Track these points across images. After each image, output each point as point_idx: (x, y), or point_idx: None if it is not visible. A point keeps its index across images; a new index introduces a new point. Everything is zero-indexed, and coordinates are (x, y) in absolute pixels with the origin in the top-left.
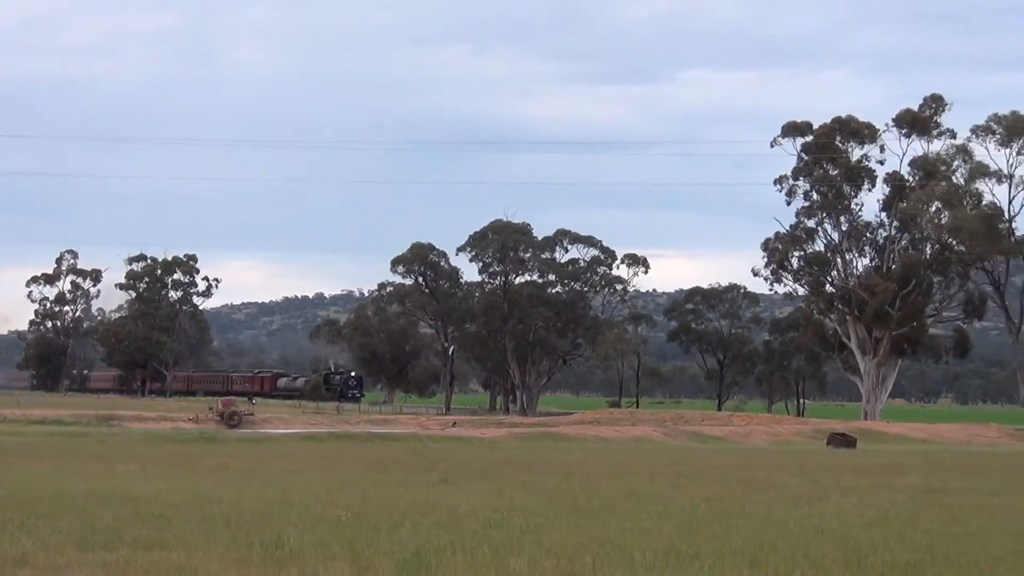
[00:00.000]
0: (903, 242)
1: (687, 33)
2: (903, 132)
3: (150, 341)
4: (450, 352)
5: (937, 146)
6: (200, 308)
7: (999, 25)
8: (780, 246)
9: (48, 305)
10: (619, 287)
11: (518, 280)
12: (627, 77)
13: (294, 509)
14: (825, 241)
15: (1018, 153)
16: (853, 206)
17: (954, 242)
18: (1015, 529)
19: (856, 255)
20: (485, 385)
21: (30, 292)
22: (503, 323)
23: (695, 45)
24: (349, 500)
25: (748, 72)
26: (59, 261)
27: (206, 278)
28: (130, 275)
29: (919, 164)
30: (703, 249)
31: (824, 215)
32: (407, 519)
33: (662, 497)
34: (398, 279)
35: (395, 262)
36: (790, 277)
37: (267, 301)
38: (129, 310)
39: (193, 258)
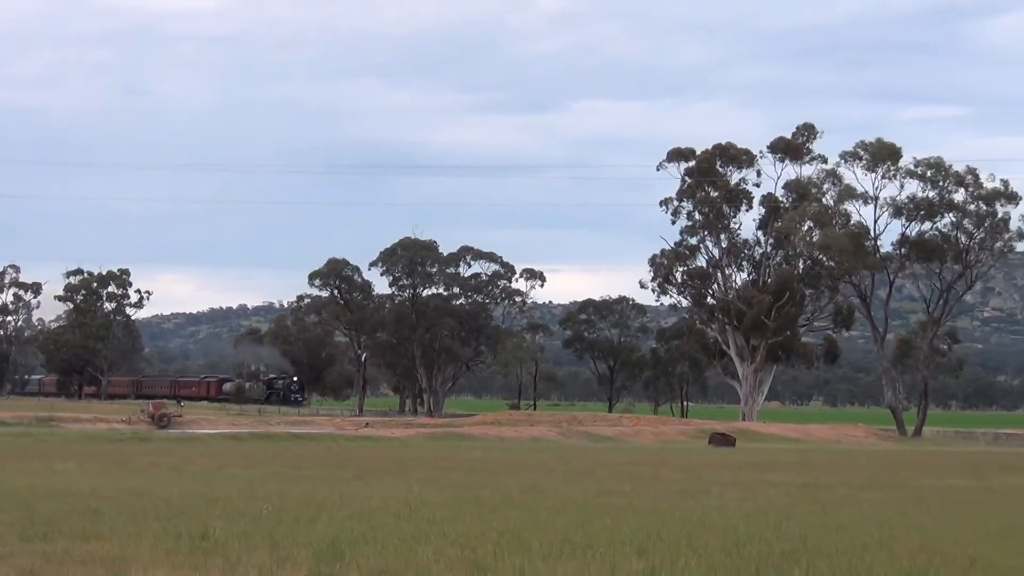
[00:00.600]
0: (778, 258)
1: (581, 67)
2: (778, 157)
3: (86, 348)
4: (363, 359)
5: (809, 170)
6: (132, 318)
7: (865, 60)
8: (665, 262)
9: None
10: (518, 299)
11: (425, 292)
12: (526, 107)
13: (219, 503)
14: (707, 257)
15: (882, 177)
16: (732, 225)
17: (824, 258)
18: (880, 520)
19: (735, 270)
20: (395, 389)
21: None
22: (411, 332)
23: (588, 78)
24: (269, 495)
25: (637, 103)
26: (2, 275)
27: (138, 291)
28: (68, 288)
29: (792, 187)
30: (595, 264)
31: (706, 233)
32: (323, 512)
33: (557, 492)
34: (315, 292)
35: (312, 276)
36: (675, 290)
37: (194, 312)
38: (67, 320)
39: (126, 272)
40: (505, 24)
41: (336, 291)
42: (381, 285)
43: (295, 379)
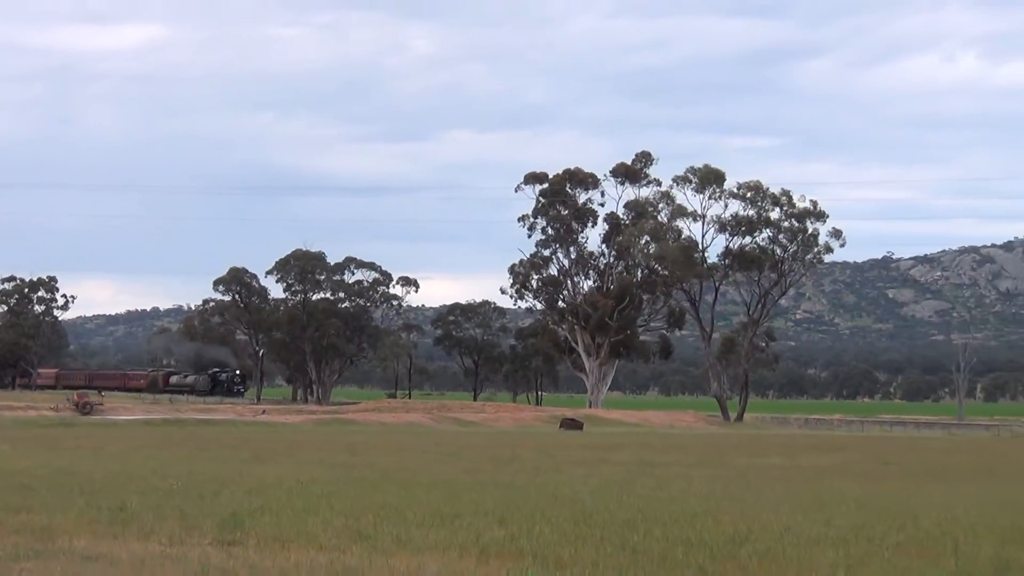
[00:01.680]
0: (619, 268)
1: (449, 103)
2: (619, 181)
3: (18, 345)
4: (260, 354)
5: (646, 192)
6: (59, 319)
7: (694, 99)
8: (523, 271)
9: None
10: (395, 303)
11: (315, 297)
12: (401, 137)
13: (135, 480)
14: (558, 267)
15: (709, 198)
16: (580, 239)
17: (659, 268)
18: (707, 493)
19: (582, 278)
20: (289, 380)
21: None
22: (302, 331)
23: (455, 112)
24: (179, 472)
25: (498, 133)
26: None
27: (64, 295)
28: (3, 293)
29: (632, 206)
30: (462, 273)
31: (557, 246)
32: (225, 488)
33: (430, 470)
34: (219, 296)
35: (216, 283)
36: (531, 295)
37: (113, 313)
38: (2, 321)
39: (54, 279)
40: (383, 65)
41: (237, 296)
42: (276, 291)
43: (237, 372)
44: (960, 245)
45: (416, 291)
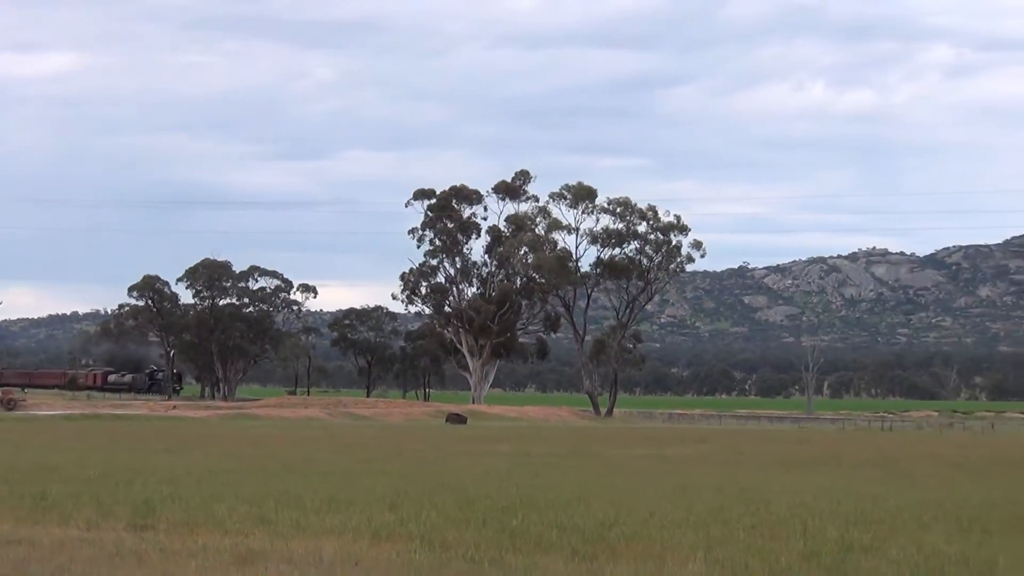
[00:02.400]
0: (500, 276)
1: (345, 124)
2: (500, 197)
3: None
4: (171, 355)
5: (525, 207)
6: None
7: (569, 122)
8: (412, 278)
9: None
10: (295, 308)
11: (221, 302)
12: (302, 155)
13: (55, 470)
14: (445, 275)
15: (582, 212)
16: (465, 250)
17: (537, 276)
18: (580, 481)
19: (467, 285)
20: (197, 379)
21: None
22: (210, 334)
23: (351, 133)
24: (96, 463)
25: (390, 153)
26: None
27: None
28: None
29: (512, 220)
30: (358, 280)
31: (444, 256)
32: (139, 477)
33: (326, 460)
34: (133, 301)
35: (131, 289)
36: (420, 301)
37: (36, 317)
38: None
39: None
40: (286, 89)
41: (150, 301)
42: (186, 296)
43: (175, 371)
44: (809, 256)
45: (315, 297)
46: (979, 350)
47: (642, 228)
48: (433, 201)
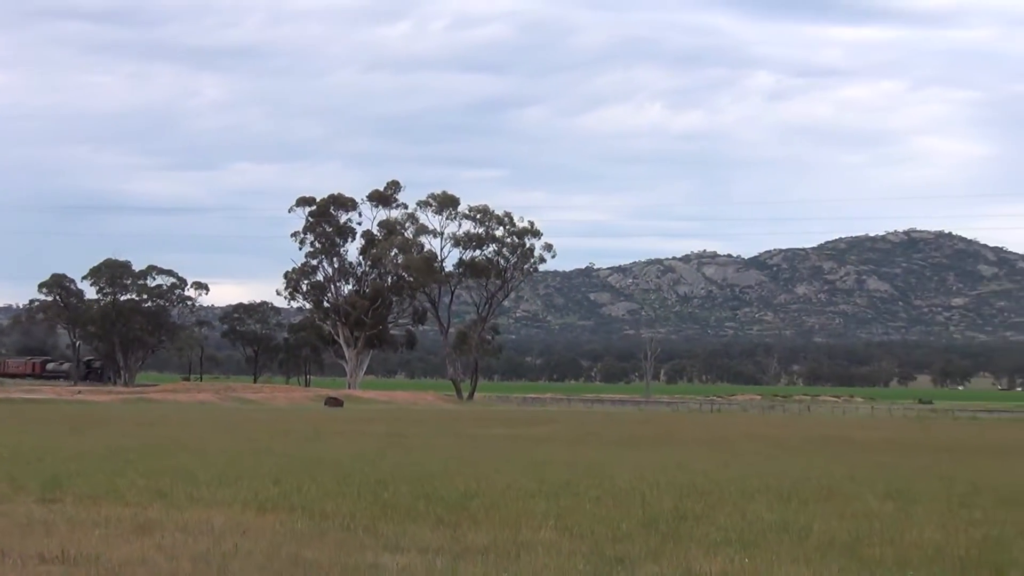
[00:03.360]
0: (374, 275)
1: (235, 138)
2: (374, 204)
3: None
4: (77, 345)
5: (395, 213)
6: None
7: (435, 138)
8: (295, 277)
9: None
10: (189, 303)
11: (122, 298)
12: (195, 166)
13: None
14: (324, 274)
15: (446, 218)
16: (342, 252)
17: (406, 275)
18: (445, 457)
19: (343, 283)
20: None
21: None
22: (112, 326)
23: (240, 146)
24: (7, 443)
25: (275, 164)
26: None
27: None
28: None
29: (384, 225)
30: (246, 279)
31: (323, 257)
32: (47, 455)
33: (217, 440)
34: (43, 297)
35: (41, 286)
36: (301, 297)
37: None
38: None
39: None
40: (181, 107)
41: (58, 297)
42: (91, 293)
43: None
44: (647, 258)
45: (207, 293)
46: (796, 341)
47: (499, 233)
48: (313, 208)
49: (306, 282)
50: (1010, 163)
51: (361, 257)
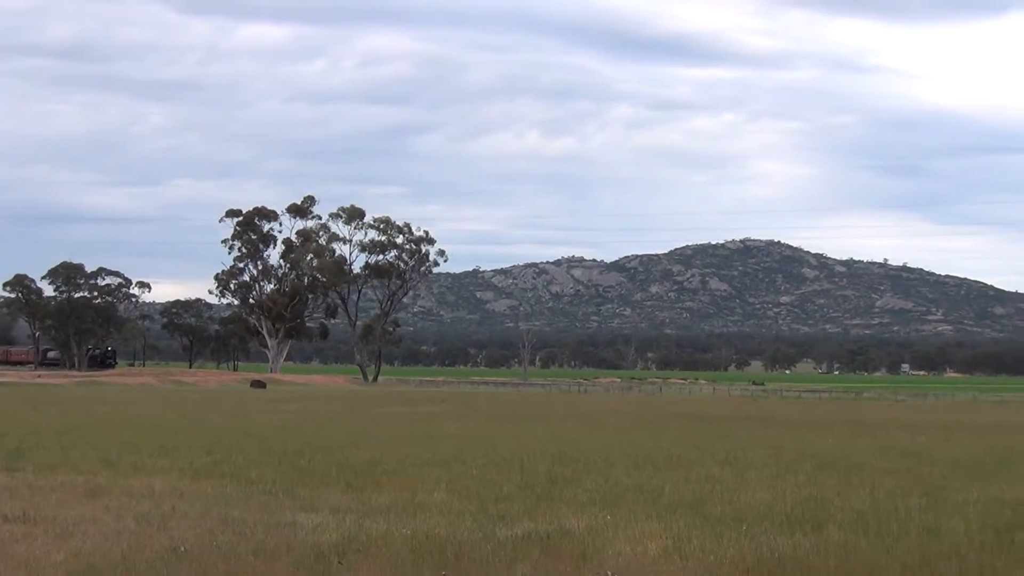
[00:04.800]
0: (292, 276)
1: (175, 159)
2: (292, 215)
3: None
4: (36, 336)
5: (311, 223)
6: None
7: (345, 159)
8: (224, 278)
9: None
10: (134, 300)
11: (76, 295)
12: (141, 183)
13: None
14: (249, 275)
15: (354, 228)
16: (265, 256)
17: (320, 276)
18: (352, 431)
19: (266, 283)
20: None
21: None
22: (67, 319)
23: (180, 165)
24: None
25: (210, 181)
26: None
27: None
28: None
29: (301, 233)
30: (183, 279)
31: (249, 261)
32: (10, 431)
33: (157, 416)
34: (6, 294)
35: (4, 284)
36: (230, 294)
37: None
38: None
39: None
40: (128, 131)
41: (20, 294)
42: (49, 291)
43: (109, 348)
44: (525, 262)
45: (149, 291)
46: (650, 332)
47: (400, 240)
48: (240, 218)
49: (234, 282)
50: (828, 183)
51: (281, 261)
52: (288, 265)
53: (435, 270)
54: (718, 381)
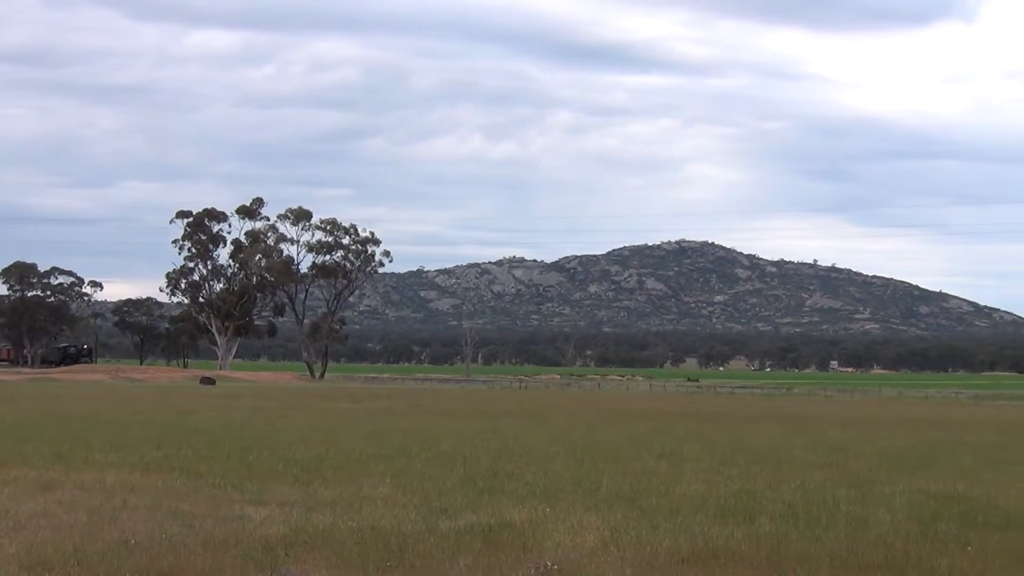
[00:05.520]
0: (241, 275)
1: (125, 161)
2: (241, 217)
3: None
4: None
5: (259, 224)
6: None
7: (293, 162)
8: (175, 277)
9: None
10: (86, 298)
11: (30, 294)
12: (92, 184)
13: None
14: (199, 274)
15: (302, 229)
16: (214, 256)
17: (268, 276)
18: (299, 427)
19: (216, 282)
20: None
21: None
22: (20, 317)
23: (130, 168)
24: None
25: (160, 183)
26: None
27: None
28: None
29: (250, 234)
30: (134, 278)
31: (198, 261)
32: None
33: (109, 412)
34: None
35: None
36: (180, 293)
37: None
38: None
39: None
40: (80, 134)
41: None
42: (2, 289)
43: (85, 346)
44: (468, 262)
45: (101, 290)
46: (589, 330)
47: (346, 241)
48: (190, 219)
49: (184, 281)
50: (760, 187)
51: (231, 260)
52: (237, 265)
53: (380, 270)
54: (654, 378)
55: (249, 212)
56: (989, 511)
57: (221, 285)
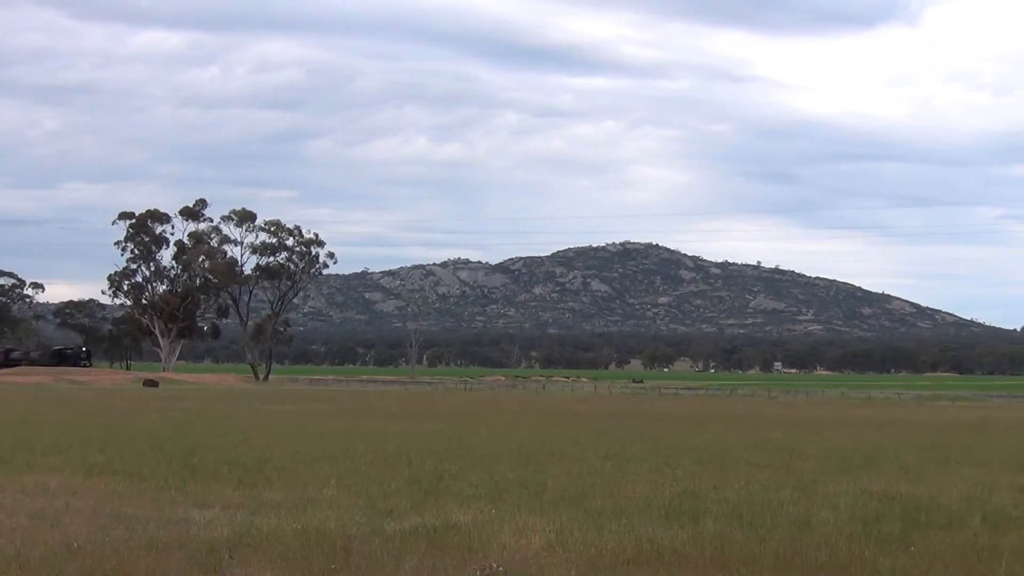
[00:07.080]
0: (185, 277)
1: (69, 162)
2: (185, 218)
3: None
4: None
5: (203, 226)
6: None
7: (237, 163)
8: (118, 278)
9: None
10: (28, 300)
11: None
12: (35, 185)
13: None
14: (143, 276)
15: (246, 230)
16: (158, 257)
17: (212, 277)
18: (243, 429)
19: (159, 283)
20: None
21: None
22: None
23: (73, 169)
24: None
25: (103, 184)
26: None
27: None
28: None
29: (193, 235)
30: (77, 279)
31: (141, 262)
32: None
33: (51, 415)
34: None
35: None
36: (123, 295)
37: None
38: None
39: None
40: (22, 136)
41: None
42: None
43: (83, 348)
44: (413, 263)
45: (43, 292)
46: (534, 332)
47: (290, 243)
48: (133, 221)
49: (127, 283)
50: (705, 189)
51: (174, 262)
52: (180, 266)
53: (324, 272)
54: (599, 379)
55: (192, 214)
56: (932, 511)
57: (164, 287)
